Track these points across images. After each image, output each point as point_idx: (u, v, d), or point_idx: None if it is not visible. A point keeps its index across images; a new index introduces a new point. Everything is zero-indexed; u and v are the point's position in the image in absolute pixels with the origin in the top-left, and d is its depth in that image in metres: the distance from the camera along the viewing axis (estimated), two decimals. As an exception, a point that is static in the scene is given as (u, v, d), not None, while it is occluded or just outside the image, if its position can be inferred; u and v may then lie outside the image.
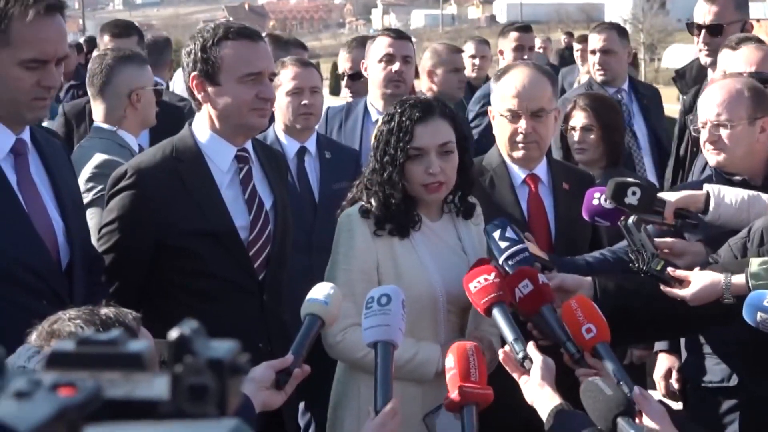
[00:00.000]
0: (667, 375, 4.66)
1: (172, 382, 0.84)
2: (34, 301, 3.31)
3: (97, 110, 4.99)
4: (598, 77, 6.89)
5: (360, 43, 6.66)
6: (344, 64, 6.77)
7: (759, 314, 3.17)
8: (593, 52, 7.02)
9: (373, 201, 3.71)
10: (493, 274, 3.33)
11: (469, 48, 9.21)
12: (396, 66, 5.81)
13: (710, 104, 4.06)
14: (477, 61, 9.11)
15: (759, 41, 5.10)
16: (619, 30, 7.30)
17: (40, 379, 0.82)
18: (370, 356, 3.57)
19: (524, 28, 8.19)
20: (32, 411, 0.77)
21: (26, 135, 3.48)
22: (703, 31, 5.84)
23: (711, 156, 4.09)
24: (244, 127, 3.78)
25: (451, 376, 3.04)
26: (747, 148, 4.05)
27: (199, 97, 3.72)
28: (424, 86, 7.14)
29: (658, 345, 4.73)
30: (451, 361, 3.04)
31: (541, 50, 13.80)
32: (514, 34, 7.93)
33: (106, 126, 4.89)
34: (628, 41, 7.42)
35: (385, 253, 3.71)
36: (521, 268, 3.49)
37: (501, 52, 8.09)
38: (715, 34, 5.78)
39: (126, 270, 3.74)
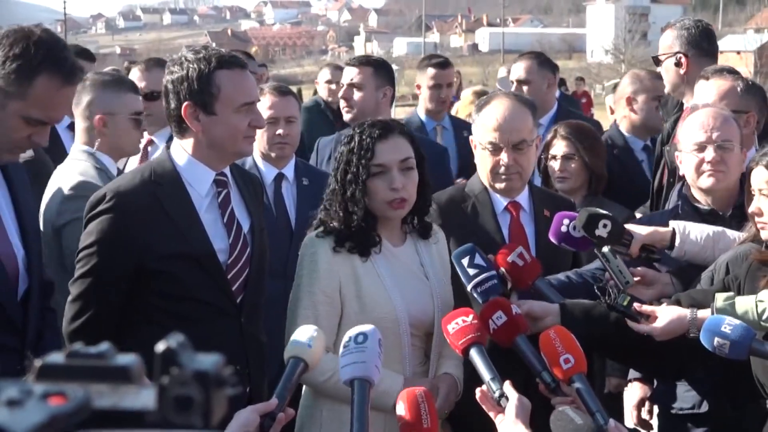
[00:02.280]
0: (640, 404, 4.69)
1: (158, 394, 0.87)
2: None
3: (77, 131, 5.01)
4: None
5: (156, 63, 6.34)
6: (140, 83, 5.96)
7: (716, 339, 3.24)
8: (519, 82, 7.15)
9: (334, 221, 3.76)
10: (471, 316, 3.37)
11: (324, 74, 9.41)
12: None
13: (710, 127, 4.11)
14: (333, 86, 8.94)
15: (732, 72, 5.17)
16: (539, 59, 7.39)
17: (31, 389, 0.84)
18: (332, 380, 3.61)
19: (442, 65, 7.55)
20: (24, 418, 0.80)
21: None
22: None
23: (708, 179, 4.12)
24: (234, 155, 3.82)
25: (402, 425, 3.06)
26: (737, 175, 4.11)
27: (190, 125, 3.70)
28: (618, 114, 6.75)
29: (632, 374, 4.76)
30: (402, 409, 3.04)
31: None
32: (431, 71, 7.39)
33: (84, 147, 4.89)
34: (556, 70, 7.50)
35: (347, 274, 3.75)
36: (494, 300, 3.54)
37: (418, 87, 7.53)
38: (657, 64, 5.94)
39: (104, 293, 3.72)
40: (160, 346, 0.89)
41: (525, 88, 6.98)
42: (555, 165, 5.43)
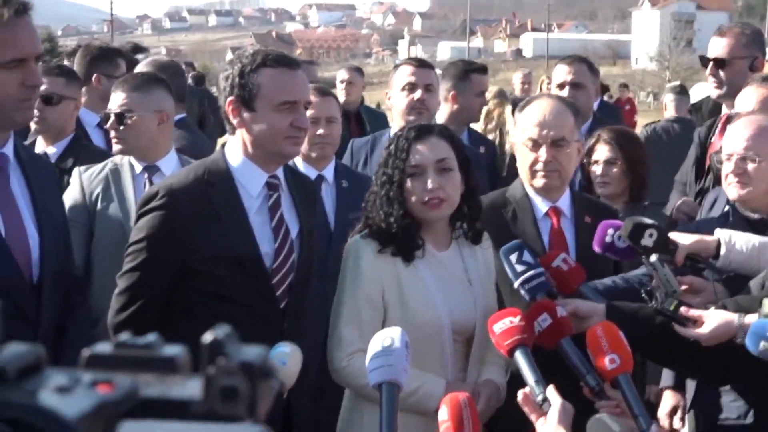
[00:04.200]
0: (672, 412, 4.65)
1: (204, 384, 0.88)
2: None
3: None
4: None
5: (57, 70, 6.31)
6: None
7: (762, 343, 3.20)
8: (562, 85, 6.61)
9: (375, 222, 3.76)
10: (518, 317, 3.32)
11: (341, 74, 10.18)
12: (418, 94, 5.85)
13: (738, 137, 4.08)
14: (344, 86, 9.97)
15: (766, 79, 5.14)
16: (588, 64, 6.97)
17: (80, 377, 0.85)
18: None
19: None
20: (73, 404, 0.81)
21: (8, 150, 3.51)
22: (711, 63, 5.90)
23: (733, 189, 4.10)
24: (277, 155, 3.78)
25: (444, 429, 3.04)
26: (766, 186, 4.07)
27: (234, 121, 3.72)
28: None
29: (664, 382, 4.72)
30: (444, 414, 3.02)
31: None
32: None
33: None
34: (598, 78, 7.11)
35: (390, 279, 3.74)
36: (539, 302, 3.52)
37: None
38: (721, 66, 5.82)
39: (150, 289, 3.76)
40: (207, 337, 0.90)
41: (575, 93, 6.45)
42: (597, 170, 5.40)
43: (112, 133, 4.84)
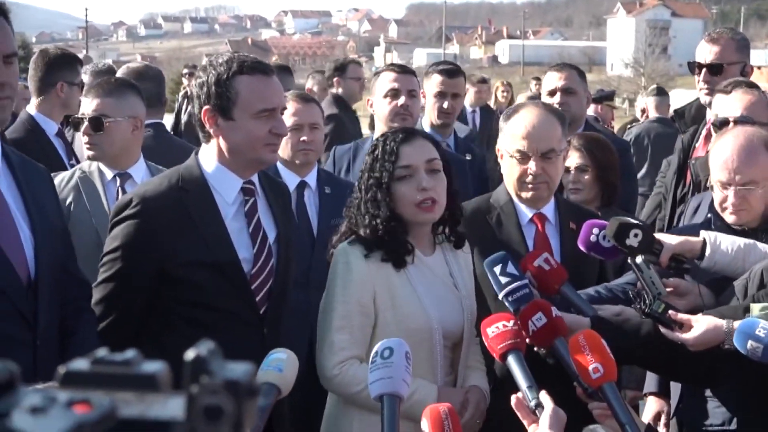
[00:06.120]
0: (656, 418, 4.63)
1: (187, 403, 0.84)
2: None
3: None
4: None
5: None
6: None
7: (750, 342, 3.19)
8: (553, 92, 6.48)
9: (359, 228, 3.74)
10: (511, 322, 3.28)
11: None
12: (401, 100, 5.82)
13: (733, 167, 4.01)
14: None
15: (751, 85, 5.13)
16: (578, 71, 6.84)
17: (55, 396, 0.81)
18: (366, 392, 3.57)
19: (450, 72, 6.68)
20: (48, 426, 0.76)
21: None
22: (704, 70, 5.88)
23: (731, 216, 4.04)
24: (255, 162, 3.76)
25: None
26: (765, 206, 4.05)
27: (210, 130, 3.68)
28: None
29: (648, 387, 4.70)
30: (425, 426, 3.00)
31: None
32: (437, 78, 6.59)
33: None
34: (586, 84, 6.88)
35: (381, 284, 3.71)
36: (535, 301, 3.47)
37: (424, 95, 6.59)
38: (715, 73, 5.82)
39: (126, 298, 3.71)
40: (190, 354, 0.85)
41: (567, 99, 6.39)
42: (568, 177, 5.38)
43: (86, 139, 4.75)
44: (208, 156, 3.76)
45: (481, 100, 13.32)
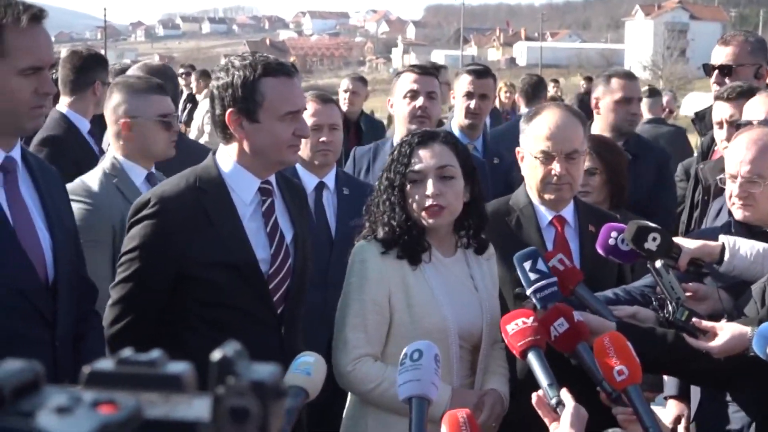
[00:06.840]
0: (676, 422, 4.61)
1: (213, 404, 0.83)
2: (16, 321, 3.32)
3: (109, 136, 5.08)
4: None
5: None
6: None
7: None
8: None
9: (377, 228, 3.74)
10: (531, 318, 3.25)
11: (345, 83, 10.14)
12: (420, 102, 5.81)
13: (742, 158, 4.02)
14: (348, 95, 9.94)
15: (751, 90, 5.13)
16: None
17: (81, 396, 0.80)
18: (379, 389, 3.58)
19: (479, 73, 6.81)
20: (73, 426, 0.76)
21: (16, 154, 3.48)
22: (716, 71, 5.87)
23: (738, 211, 4.05)
24: (278, 163, 3.77)
25: None
26: None
27: (233, 132, 3.68)
28: None
29: (667, 391, 4.68)
30: None
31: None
32: (466, 78, 6.73)
33: (112, 154, 4.94)
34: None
35: (397, 283, 3.71)
36: (556, 306, 3.45)
37: (453, 96, 6.83)
38: (726, 74, 5.81)
39: (144, 299, 3.71)
40: (216, 354, 0.84)
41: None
42: (577, 179, 5.35)
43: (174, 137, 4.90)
44: (227, 156, 3.75)
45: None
